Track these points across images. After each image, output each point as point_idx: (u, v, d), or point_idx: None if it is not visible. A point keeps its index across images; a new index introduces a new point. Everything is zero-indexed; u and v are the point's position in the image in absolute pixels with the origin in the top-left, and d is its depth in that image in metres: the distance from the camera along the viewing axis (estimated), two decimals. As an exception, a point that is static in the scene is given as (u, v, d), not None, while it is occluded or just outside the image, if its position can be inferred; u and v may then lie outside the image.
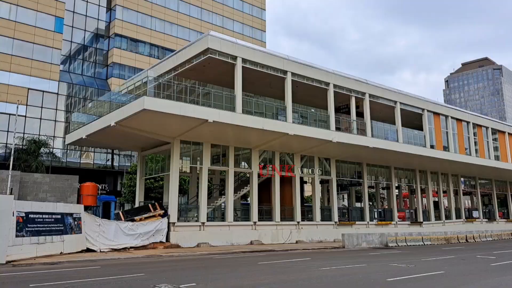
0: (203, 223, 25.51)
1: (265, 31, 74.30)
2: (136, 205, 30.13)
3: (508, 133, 47.25)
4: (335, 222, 32.42)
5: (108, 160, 55.01)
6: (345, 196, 54.95)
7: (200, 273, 14.18)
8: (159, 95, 23.43)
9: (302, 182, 36.35)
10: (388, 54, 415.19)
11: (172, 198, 24.61)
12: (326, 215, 32.63)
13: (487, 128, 44.56)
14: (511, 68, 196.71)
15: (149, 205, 25.19)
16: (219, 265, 16.63)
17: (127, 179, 44.94)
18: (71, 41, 56.07)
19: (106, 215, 25.30)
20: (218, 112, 23.13)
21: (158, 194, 38.42)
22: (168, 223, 24.13)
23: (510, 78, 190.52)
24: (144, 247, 22.65)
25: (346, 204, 49.75)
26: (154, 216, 23.91)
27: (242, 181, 32.63)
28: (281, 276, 13.35)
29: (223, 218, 27.31)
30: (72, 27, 56.13)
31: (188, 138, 25.89)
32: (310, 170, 33.09)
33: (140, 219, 23.29)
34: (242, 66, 25.47)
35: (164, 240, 23.66)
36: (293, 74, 28.06)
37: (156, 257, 19.75)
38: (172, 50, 51.65)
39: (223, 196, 28.57)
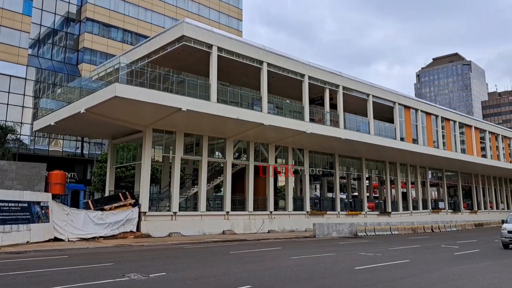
0: (175, 212, 25.37)
1: (241, 20, 73.71)
2: (106, 194, 29.66)
3: (475, 127, 48.87)
4: (307, 212, 32.88)
5: (78, 148, 53.72)
6: (318, 186, 55.68)
7: (170, 262, 14.14)
8: (132, 82, 22.95)
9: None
10: (365, 46, 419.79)
11: (144, 188, 24.34)
12: (299, 205, 33.04)
13: (454, 122, 45.92)
14: (479, 64, 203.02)
15: (120, 194, 24.84)
16: (190, 255, 16.62)
17: (97, 168, 44.07)
18: (41, 25, 54.04)
19: (75, 204, 24.71)
20: (192, 101, 22.90)
21: (129, 183, 37.86)
22: (139, 212, 23.87)
23: (478, 74, 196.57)
24: (113, 236, 22.35)
25: (318, 194, 50.45)
26: (124, 205, 23.58)
27: (215, 171, 32.59)
28: (251, 265, 13.47)
29: (195, 208, 27.21)
30: (42, 10, 54.06)
31: (161, 127, 25.56)
32: (283, 161, 33.40)
33: (110, 208, 22.93)
34: (218, 55, 25.25)
35: (134, 230, 23.41)
36: (269, 64, 28.05)
37: (126, 246, 19.55)
38: (146, 37, 50.54)
39: (196, 186, 28.45)
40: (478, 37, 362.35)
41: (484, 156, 49.96)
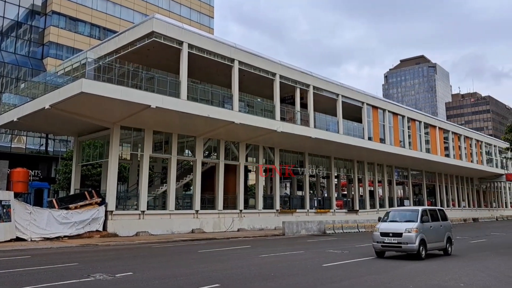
0: (143, 211, 24.97)
1: (213, 17, 73.22)
2: (72, 192, 28.89)
3: (439, 128, 50.56)
4: (277, 210, 33.10)
5: (42, 145, 51.95)
6: (288, 184, 56.16)
7: (137, 262, 13.91)
8: (99, 78, 22.45)
9: (246, 171, 36.67)
10: (336, 46, 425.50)
11: (111, 186, 23.83)
12: (268, 203, 33.23)
13: (420, 122, 47.33)
14: (445, 66, 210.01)
15: (86, 192, 24.23)
16: (158, 254, 16.41)
17: (62, 166, 42.80)
18: (4, 17, 51.85)
19: (38, 202, 23.99)
20: (161, 98, 22.58)
21: (95, 181, 36.99)
22: (106, 211, 23.35)
23: (442, 76, 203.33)
24: (79, 236, 21.80)
25: (288, 193, 50.88)
26: (90, 204, 23.02)
27: (185, 169, 32.32)
28: (220, 264, 13.43)
29: (164, 207, 26.88)
30: (5, 1, 51.90)
31: (129, 124, 25.09)
32: (254, 160, 33.50)
33: (76, 207, 22.33)
34: (188, 52, 25.05)
35: (100, 229, 22.89)
36: (240, 62, 28.03)
37: (91, 246, 19.09)
38: (114, 32, 49.42)
39: (164, 184, 28.11)
40: (444, 40, 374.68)
41: (447, 155, 51.76)
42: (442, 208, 17.72)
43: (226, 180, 29.95)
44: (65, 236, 21.29)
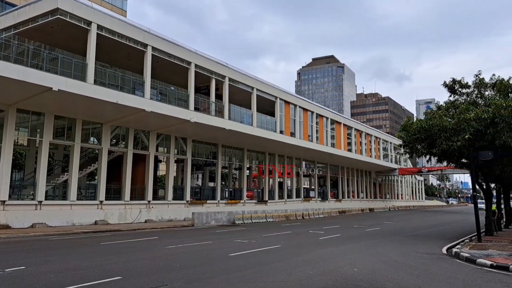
0: (40, 201, 23.14)
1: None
2: (-44, 180, 25.69)
3: (343, 124, 54.07)
4: (187, 201, 32.84)
5: None
6: (200, 176, 55.98)
7: (31, 255, 12.88)
8: (-7, 54, 20.24)
9: (157, 161, 35.75)
10: (254, 39, 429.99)
11: (4, 173, 21.70)
12: (179, 194, 32.80)
13: (327, 118, 50.15)
14: (353, 67, 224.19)
15: (-27, 180, 21.74)
16: (55, 247, 15.35)
17: None
18: None
19: None
20: (65, 81, 20.99)
21: (-14, 168, 33.38)
22: (-3, 201, 21.22)
23: (349, 76, 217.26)
24: (-37, 229, 19.56)
25: (200, 184, 50.75)
26: (-22, 193, 20.72)
27: (90, 157, 30.58)
28: (123, 256, 12.98)
29: (64, 197, 25.16)
30: None
31: (27, 107, 23.00)
32: (165, 150, 32.80)
33: (-41, 197, 19.95)
34: (97, 34, 23.62)
35: (-10, 221, 20.77)
36: (153, 48, 27.12)
37: (-22, 240, 17.25)
38: (14, 5, 44.66)
39: (66, 173, 26.31)
40: (354, 42, 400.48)
41: (350, 150, 55.58)
42: None
43: (134, 170, 28.93)
44: None
